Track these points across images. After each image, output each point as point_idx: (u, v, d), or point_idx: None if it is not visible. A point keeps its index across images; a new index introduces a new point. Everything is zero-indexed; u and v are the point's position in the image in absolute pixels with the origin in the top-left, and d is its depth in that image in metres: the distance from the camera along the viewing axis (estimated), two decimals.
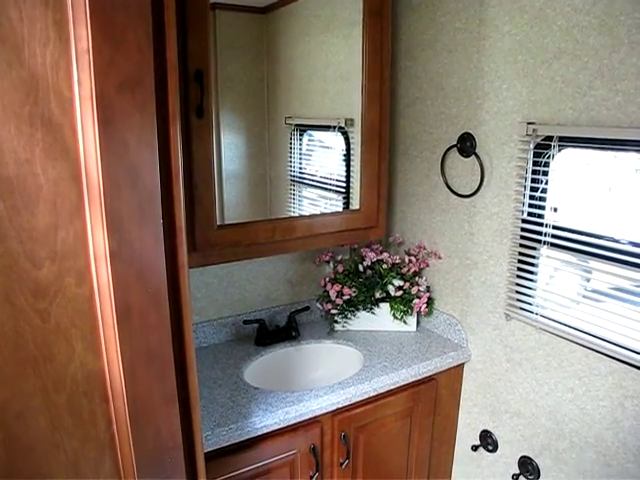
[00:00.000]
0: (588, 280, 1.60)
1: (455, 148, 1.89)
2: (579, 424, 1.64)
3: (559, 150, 1.60)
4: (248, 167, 1.90)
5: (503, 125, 1.72)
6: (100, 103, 0.68)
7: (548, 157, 1.63)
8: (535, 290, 1.72)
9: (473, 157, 1.83)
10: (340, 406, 1.64)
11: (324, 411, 1.60)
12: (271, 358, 1.91)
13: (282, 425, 1.52)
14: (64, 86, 0.65)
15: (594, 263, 1.55)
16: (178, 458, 0.88)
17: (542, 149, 1.64)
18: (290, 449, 1.56)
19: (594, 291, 1.59)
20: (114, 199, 0.71)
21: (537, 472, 1.78)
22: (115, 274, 0.71)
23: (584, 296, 1.61)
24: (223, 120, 1.73)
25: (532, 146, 1.64)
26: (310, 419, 1.59)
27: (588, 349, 1.58)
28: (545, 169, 1.65)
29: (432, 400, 1.90)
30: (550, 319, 1.67)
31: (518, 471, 1.83)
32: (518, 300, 1.76)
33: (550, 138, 1.59)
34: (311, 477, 1.62)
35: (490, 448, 1.94)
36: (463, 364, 2.00)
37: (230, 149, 1.80)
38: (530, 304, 1.73)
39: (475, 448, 1.97)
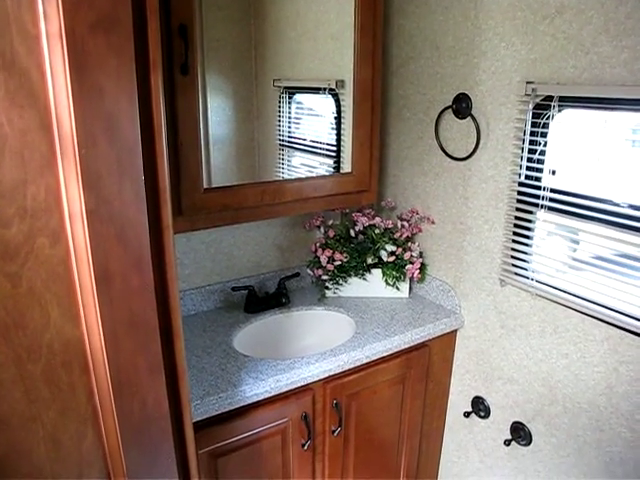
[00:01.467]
0: (585, 245, 1.56)
1: (450, 109, 1.82)
2: (573, 390, 1.62)
3: (559, 111, 1.54)
4: (235, 131, 1.82)
5: (501, 85, 1.66)
6: (71, 43, 0.61)
7: (547, 118, 1.57)
8: (531, 255, 1.68)
9: (469, 119, 1.77)
10: (332, 373, 1.60)
11: (316, 379, 1.57)
12: (261, 325, 1.87)
13: (273, 393, 1.48)
14: (28, 20, 0.57)
15: (593, 227, 1.51)
16: (165, 429, 0.84)
17: (541, 110, 1.58)
18: (281, 417, 1.53)
19: (592, 256, 1.55)
20: (90, 152, 0.64)
21: (529, 437, 1.78)
22: (93, 234, 0.64)
23: (581, 261, 1.57)
24: (209, 82, 1.65)
25: (531, 106, 1.58)
26: (302, 387, 1.56)
27: (584, 315, 1.55)
28: (544, 130, 1.59)
29: (425, 367, 1.88)
30: (546, 284, 1.64)
31: (510, 437, 1.83)
32: (513, 265, 1.73)
33: (550, 98, 1.53)
34: (303, 445, 1.60)
35: (482, 414, 1.93)
36: (456, 331, 1.97)
37: (217, 113, 1.72)
38: (525, 269, 1.70)
39: (467, 414, 1.97)
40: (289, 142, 1.95)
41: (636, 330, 1.43)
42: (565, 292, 1.59)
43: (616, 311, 1.47)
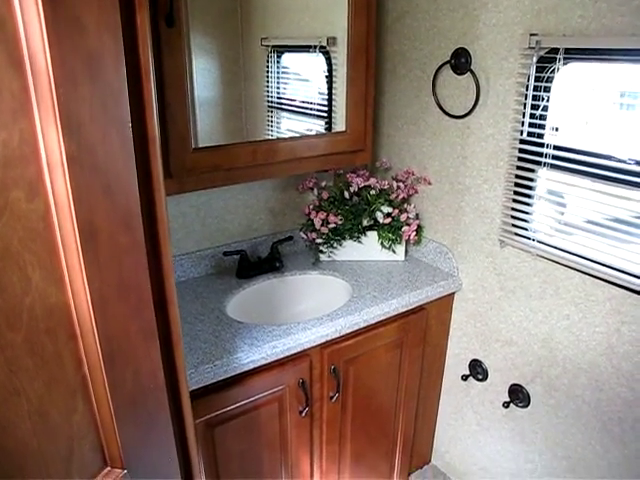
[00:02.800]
0: (589, 203, 1.51)
1: (448, 65, 1.74)
2: (573, 351, 1.60)
3: (564, 64, 1.47)
4: (222, 93, 1.72)
5: (502, 38, 1.58)
6: None
7: (552, 72, 1.50)
8: (532, 215, 1.63)
9: (468, 74, 1.69)
10: (329, 339, 1.56)
11: (313, 344, 1.52)
12: (254, 291, 1.82)
13: (270, 360, 1.44)
14: None
15: (597, 185, 1.46)
16: (161, 399, 0.78)
17: (545, 63, 1.50)
18: (278, 384, 1.49)
19: (596, 215, 1.51)
20: (69, 93, 0.57)
21: (527, 399, 1.76)
22: (75, 185, 0.57)
23: (585, 220, 1.53)
24: (194, 42, 1.54)
25: (535, 60, 1.51)
26: (299, 353, 1.51)
27: (586, 275, 1.51)
28: (547, 85, 1.52)
29: (422, 330, 1.84)
30: (547, 245, 1.59)
31: (508, 399, 1.81)
32: (514, 226, 1.68)
33: (555, 51, 1.46)
34: (300, 412, 1.56)
35: (480, 377, 1.91)
36: (453, 293, 1.94)
37: (202, 74, 1.62)
38: (526, 229, 1.65)
39: (465, 378, 1.95)
40: (278, 103, 1.86)
41: (636, 288, 1.40)
42: (567, 252, 1.55)
43: (621, 271, 1.43)
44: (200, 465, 1.35)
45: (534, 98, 1.55)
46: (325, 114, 1.91)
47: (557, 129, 1.56)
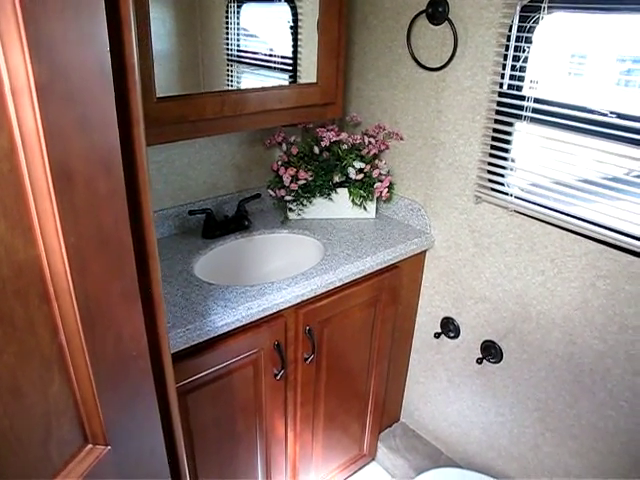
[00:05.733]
0: (569, 157, 1.48)
1: (424, 14, 1.66)
2: (547, 306, 1.60)
3: (548, 13, 1.42)
4: (177, 46, 1.57)
5: None
6: None
7: (535, 22, 1.45)
8: (510, 169, 1.60)
9: (445, 24, 1.62)
10: (305, 298, 1.50)
11: (288, 304, 1.46)
12: (222, 251, 1.73)
13: (244, 322, 1.37)
14: None
15: (579, 138, 1.43)
16: (144, 367, 0.70)
17: (528, 12, 1.45)
18: (253, 347, 1.42)
19: (576, 169, 1.48)
20: (37, 5, 0.46)
21: (500, 355, 1.77)
22: (47, 118, 0.47)
23: (564, 175, 1.50)
24: None
25: (518, 9, 1.45)
26: (274, 314, 1.45)
27: (564, 230, 1.50)
28: (529, 35, 1.47)
29: (395, 289, 1.81)
30: (525, 200, 1.57)
31: (481, 355, 1.81)
32: (490, 181, 1.64)
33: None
34: (275, 375, 1.51)
35: (452, 335, 1.90)
36: (425, 251, 1.91)
37: (156, 25, 1.47)
38: (503, 184, 1.62)
39: (437, 335, 1.94)
40: (238, 57, 1.73)
41: (618, 244, 1.39)
42: (545, 207, 1.53)
43: (599, 225, 1.43)
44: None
45: (516, 49, 1.50)
46: (289, 67, 1.80)
47: (537, 82, 1.52)
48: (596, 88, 1.43)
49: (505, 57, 1.51)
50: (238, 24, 1.69)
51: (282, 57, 1.79)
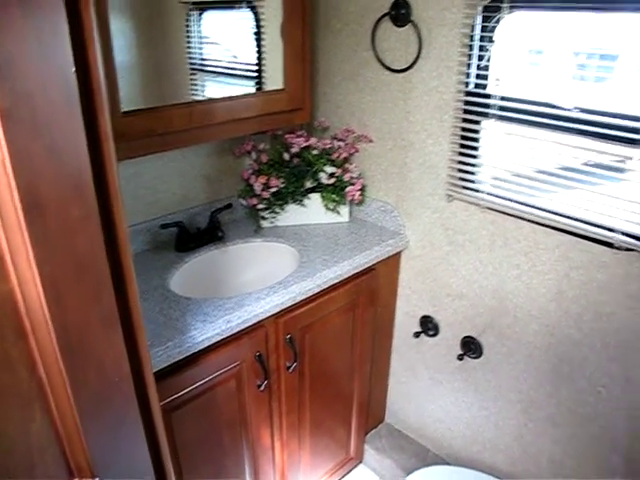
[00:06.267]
0: (536, 152, 1.51)
1: (388, 17, 1.67)
2: (524, 299, 1.62)
3: (509, 12, 1.44)
4: (138, 57, 1.54)
5: None
6: None
7: (497, 21, 1.47)
8: (480, 167, 1.62)
9: (409, 26, 1.63)
10: (284, 307, 1.49)
11: (268, 314, 1.45)
12: (197, 264, 1.70)
13: (225, 335, 1.35)
14: None
15: (545, 134, 1.45)
16: (129, 393, 0.68)
17: (490, 12, 1.47)
18: (235, 360, 1.40)
19: (543, 163, 1.51)
20: None
21: (480, 350, 1.78)
22: (13, 145, 0.45)
23: (533, 169, 1.53)
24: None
25: (480, 10, 1.46)
26: (254, 325, 1.43)
27: (536, 224, 1.53)
28: (491, 35, 1.49)
29: (373, 291, 1.81)
30: (496, 196, 1.59)
31: (461, 351, 1.83)
32: (461, 179, 1.66)
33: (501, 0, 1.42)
34: (259, 386, 1.49)
35: (431, 333, 1.91)
36: (400, 252, 1.91)
37: (116, 37, 1.45)
38: (473, 182, 1.64)
39: (417, 335, 1.94)
40: (202, 65, 1.71)
41: (588, 234, 1.42)
42: (517, 202, 1.55)
43: (569, 217, 1.45)
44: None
45: (480, 49, 1.51)
46: (254, 74, 1.78)
47: (501, 80, 1.54)
48: (555, 83, 1.45)
49: (470, 57, 1.53)
50: (200, 32, 1.67)
51: (246, 64, 1.78)
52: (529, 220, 1.53)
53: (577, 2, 1.30)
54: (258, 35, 1.75)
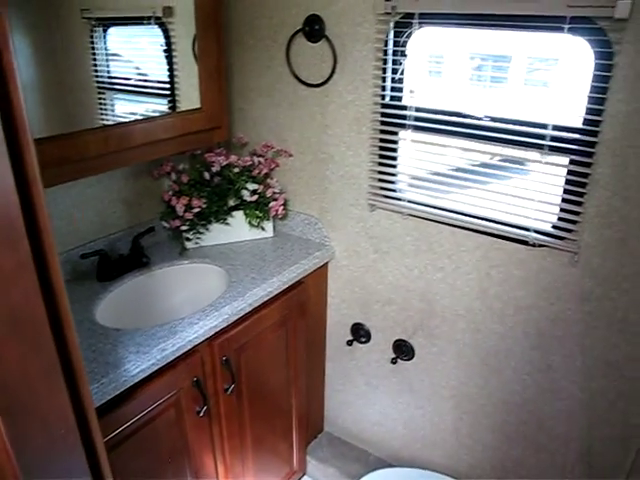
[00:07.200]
0: (452, 159, 1.59)
1: (301, 33, 1.69)
2: (450, 300, 1.70)
3: (419, 28, 1.51)
4: (39, 76, 1.47)
5: (355, 3, 1.56)
6: None
7: (408, 36, 1.53)
8: (398, 176, 1.68)
9: (323, 41, 1.66)
10: (218, 329, 1.47)
11: (203, 338, 1.42)
12: (122, 292, 1.64)
13: (160, 365, 1.31)
14: None
15: (458, 142, 1.53)
16: (75, 444, 0.65)
17: (402, 28, 1.53)
18: (172, 388, 1.36)
19: (458, 169, 1.59)
20: None
21: (412, 352, 1.85)
22: None
23: (449, 176, 1.61)
24: None
25: (392, 25, 1.52)
26: (189, 350, 1.40)
27: (455, 227, 1.61)
28: (403, 49, 1.56)
29: (303, 304, 1.82)
30: (416, 203, 1.66)
31: (394, 355, 1.88)
32: (382, 188, 1.71)
33: (410, 16, 1.48)
34: (198, 412, 1.46)
35: (363, 340, 1.95)
36: (327, 263, 1.94)
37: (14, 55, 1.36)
38: (395, 190, 1.70)
39: (350, 343, 1.98)
40: (110, 84, 1.65)
41: (503, 234, 1.52)
42: (436, 208, 1.62)
43: (484, 219, 1.54)
44: None
45: (393, 62, 1.57)
46: (167, 92, 1.75)
47: (414, 92, 1.61)
48: (459, 90, 1.55)
49: (384, 70, 1.58)
50: (106, 49, 1.61)
51: (158, 82, 1.74)
52: (449, 224, 1.61)
53: (474, 20, 1.39)
54: (169, 52, 1.72)
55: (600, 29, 1.22)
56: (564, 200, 1.41)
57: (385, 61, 1.57)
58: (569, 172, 1.38)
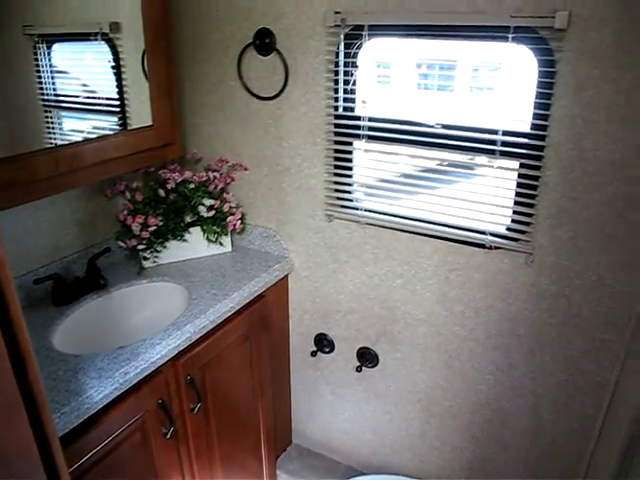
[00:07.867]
0: (406, 167, 1.62)
1: (252, 46, 1.70)
2: (411, 305, 1.73)
3: (368, 39, 1.54)
4: None
5: (305, 17, 1.58)
6: None
7: (358, 48, 1.56)
8: (354, 185, 1.70)
9: (274, 54, 1.67)
10: (181, 349, 1.45)
11: (166, 359, 1.39)
12: (80, 316, 1.59)
13: (124, 389, 1.28)
14: None
15: (412, 150, 1.57)
16: (39, 474, 0.63)
17: (352, 40, 1.56)
18: (137, 412, 1.33)
19: (413, 177, 1.63)
20: None
21: (376, 358, 1.87)
22: None
23: (403, 183, 1.64)
24: None
25: (342, 37, 1.55)
26: (152, 372, 1.37)
27: (413, 234, 1.64)
28: (354, 60, 1.58)
29: (266, 318, 1.82)
30: (373, 211, 1.69)
31: (358, 363, 1.90)
32: (338, 199, 1.73)
33: (360, 27, 1.51)
34: (165, 434, 1.43)
35: (327, 350, 1.96)
36: (287, 275, 1.94)
37: None
38: (351, 200, 1.72)
39: (314, 353, 1.98)
40: (57, 101, 1.61)
41: (460, 238, 1.56)
42: (392, 215, 1.65)
43: (440, 224, 1.58)
44: None
45: (345, 74, 1.60)
46: (117, 109, 1.72)
47: (366, 102, 1.64)
48: (407, 97, 1.59)
49: (336, 82, 1.60)
50: (52, 66, 1.57)
51: (107, 99, 1.71)
52: (406, 231, 1.64)
53: (422, 31, 1.44)
54: (117, 69, 1.70)
55: (542, 38, 1.28)
56: (516, 203, 1.46)
57: (337, 72, 1.59)
58: (520, 175, 1.43)
